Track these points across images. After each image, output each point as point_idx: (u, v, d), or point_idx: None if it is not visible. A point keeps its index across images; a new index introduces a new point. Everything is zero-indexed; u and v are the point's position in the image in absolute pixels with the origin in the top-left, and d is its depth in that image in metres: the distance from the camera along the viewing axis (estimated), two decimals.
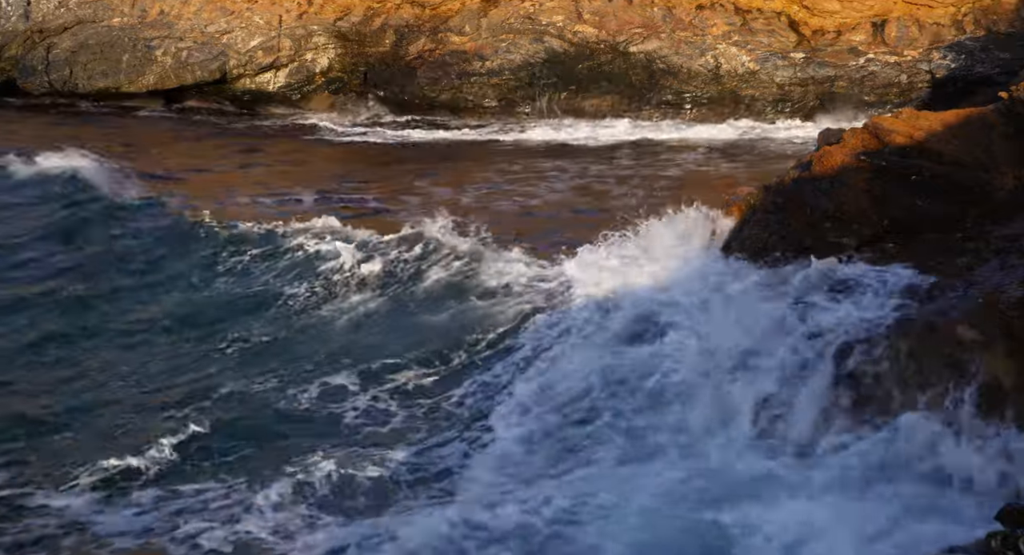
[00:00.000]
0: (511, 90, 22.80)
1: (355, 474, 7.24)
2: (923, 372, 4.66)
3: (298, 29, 23.83)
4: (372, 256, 10.56)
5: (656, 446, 6.79)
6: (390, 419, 8.08)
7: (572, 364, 7.97)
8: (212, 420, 8.05)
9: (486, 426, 7.77)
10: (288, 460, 7.52)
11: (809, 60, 22.11)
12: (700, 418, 6.60)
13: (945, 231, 5.17)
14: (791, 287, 6.28)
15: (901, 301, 5.21)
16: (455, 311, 9.43)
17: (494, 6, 23.35)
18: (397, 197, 14.58)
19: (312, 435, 7.94)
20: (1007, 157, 5.27)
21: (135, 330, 9.65)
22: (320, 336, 9.39)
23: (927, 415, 4.77)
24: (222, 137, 21.33)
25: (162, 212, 12.06)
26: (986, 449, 4.54)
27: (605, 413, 7.30)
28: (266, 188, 14.94)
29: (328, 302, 9.88)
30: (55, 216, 12.02)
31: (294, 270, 10.45)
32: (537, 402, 7.80)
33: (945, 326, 4.30)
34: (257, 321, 9.66)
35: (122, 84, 23.82)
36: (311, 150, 19.88)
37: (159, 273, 10.71)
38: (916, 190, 5.33)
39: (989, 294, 4.30)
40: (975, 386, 4.28)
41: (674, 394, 7.01)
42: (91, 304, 10.07)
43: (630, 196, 12.06)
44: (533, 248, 10.59)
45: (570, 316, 8.54)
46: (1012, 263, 4.58)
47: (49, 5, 25.22)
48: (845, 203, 5.49)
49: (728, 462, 6.15)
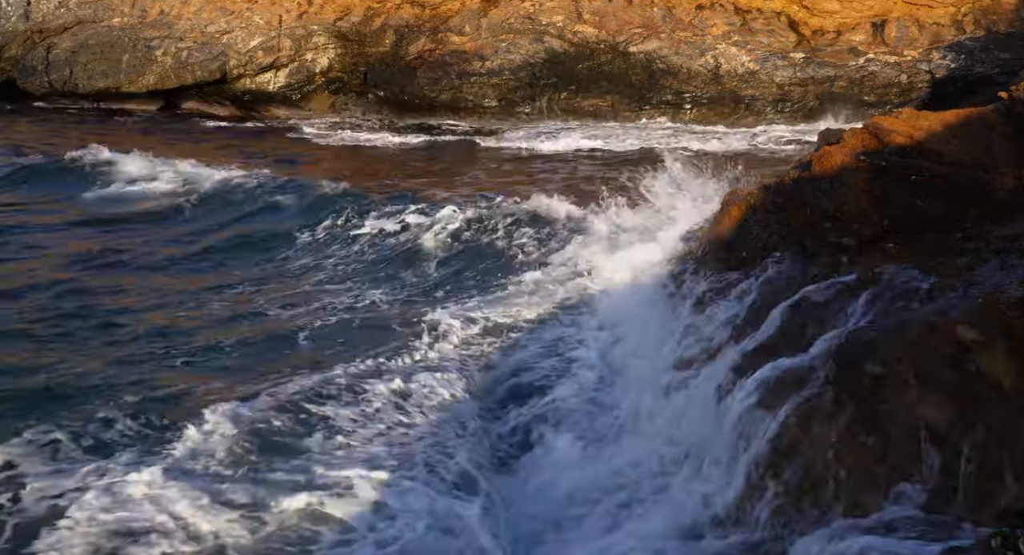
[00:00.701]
0: (511, 90, 22.82)
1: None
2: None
3: (298, 29, 23.84)
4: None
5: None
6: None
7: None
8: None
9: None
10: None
11: (809, 60, 22.12)
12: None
13: (945, 231, 5.16)
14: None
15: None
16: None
17: (494, 6, 23.36)
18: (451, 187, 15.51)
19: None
20: (1007, 157, 5.27)
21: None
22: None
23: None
24: (227, 138, 21.35)
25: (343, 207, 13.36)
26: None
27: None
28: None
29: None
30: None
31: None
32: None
33: (945, 326, 4.30)
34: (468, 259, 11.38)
35: (122, 84, 23.84)
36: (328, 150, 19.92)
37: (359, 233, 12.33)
38: (916, 190, 5.33)
39: (989, 294, 4.29)
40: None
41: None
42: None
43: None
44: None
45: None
46: (1012, 263, 4.57)
47: (49, 5, 25.24)
48: (845, 203, 5.49)
49: None
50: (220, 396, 7.19)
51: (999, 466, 3.98)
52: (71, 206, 14.10)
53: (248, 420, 6.68)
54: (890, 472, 4.25)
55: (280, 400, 7.02)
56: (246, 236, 12.67)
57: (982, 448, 4.05)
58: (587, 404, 7.29)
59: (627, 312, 8.64)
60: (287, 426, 6.70)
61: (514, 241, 11.77)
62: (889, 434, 4.30)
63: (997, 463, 3.99)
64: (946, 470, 4.12)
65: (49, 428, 6.62)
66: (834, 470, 4.44)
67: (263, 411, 6.85)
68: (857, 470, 4.36)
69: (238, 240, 12.48)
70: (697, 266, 7.35)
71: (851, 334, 4.76)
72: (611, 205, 11.67)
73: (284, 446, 6.45)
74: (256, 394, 7.16)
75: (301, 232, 12.58)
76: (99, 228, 12.83)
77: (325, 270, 11.28)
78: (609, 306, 9.07)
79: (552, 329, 8.83)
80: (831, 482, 4.44)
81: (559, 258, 10.89)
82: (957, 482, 4.07)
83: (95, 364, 8.03)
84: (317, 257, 11.82)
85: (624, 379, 7.43)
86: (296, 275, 11.10)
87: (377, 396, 7.16)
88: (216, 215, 13.69)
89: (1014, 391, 4.04)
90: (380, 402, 7.09)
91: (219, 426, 6.56)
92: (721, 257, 6.89)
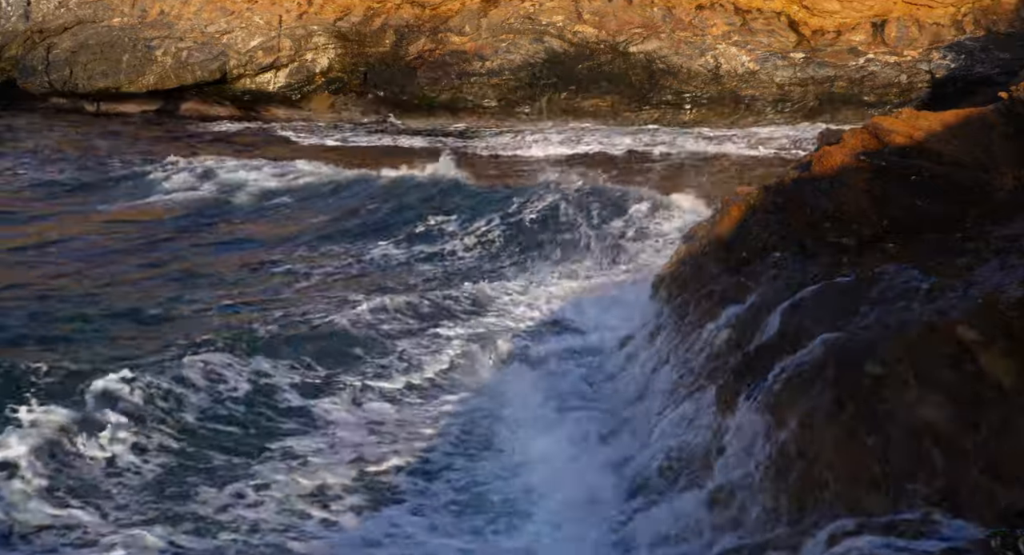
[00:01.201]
0: (511, 90, 22.82)
1: None
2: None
3: (298, 29, 23.83)
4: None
5: None
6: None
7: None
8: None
9: None
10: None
11: (809, 60, 22.11)
12: None
13: (945, 231, 5.16)
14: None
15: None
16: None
17: (494, 6, 23.35)
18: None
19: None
20: (1007, 157, 5.27)
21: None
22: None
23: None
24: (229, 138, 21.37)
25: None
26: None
27: None
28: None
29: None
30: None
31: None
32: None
33: (945, 326, 4.29)
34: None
35: (122, 84, 23.83)
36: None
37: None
38: (916, 190, 5.33)
39: (989, 294, 4.29)
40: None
41: None
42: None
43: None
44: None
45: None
46: (1012, 263, 4.57)
47: (49, 5, 25.24)
48: (845, 203, 5.49)
49: None
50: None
51: (999, 466, 3.98)
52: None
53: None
54: (890, 472, 4.25)
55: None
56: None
57: (982, 448, 4.05)
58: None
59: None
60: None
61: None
62: (889, 434, 4.30)
63: (997, 463, 3.99)
64: (946, 470, 4.12)
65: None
66: (834, 470, 4.44)
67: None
68: (857, 470, 4.36)
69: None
70: (698, 266, 7.34)
71: (851, 334, 4.76)
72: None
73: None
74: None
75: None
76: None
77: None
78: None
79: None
80: (831, 482, 4.43)
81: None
82: (957, 482, 4.06)
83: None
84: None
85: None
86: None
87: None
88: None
89: (1014, 391, 4.03)
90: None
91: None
92: (721, 257, 6.89)
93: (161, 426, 6.94)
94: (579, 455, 6.65)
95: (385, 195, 14.88)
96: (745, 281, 6.27)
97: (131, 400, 7.10)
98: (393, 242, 12.59)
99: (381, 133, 22.25)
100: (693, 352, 6.48)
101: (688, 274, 7.46)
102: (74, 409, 6.91)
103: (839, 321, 4.95)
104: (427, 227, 12.98)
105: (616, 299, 9.69)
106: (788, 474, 4.64)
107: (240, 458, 6.68)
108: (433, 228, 12.96)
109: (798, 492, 4.56)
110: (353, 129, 22.72)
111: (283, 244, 12.63)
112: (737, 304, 6.19)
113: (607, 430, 6.92)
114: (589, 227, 12.24)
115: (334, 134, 22.11)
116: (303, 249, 12.38)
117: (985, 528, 3.83)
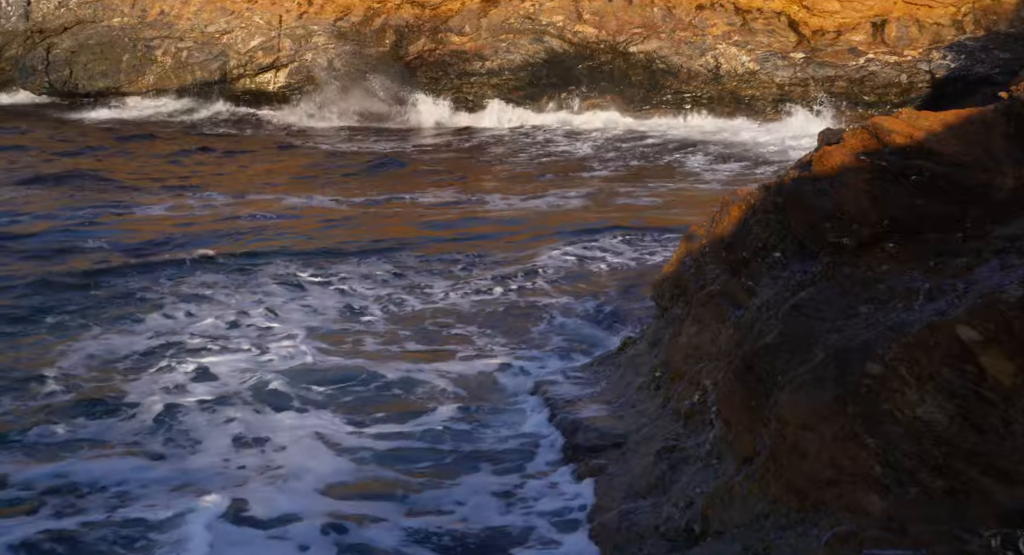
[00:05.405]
0: (511, 90, 22.83)
1: None
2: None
3: (298, 29, 23.84)
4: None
5: None
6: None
7: None
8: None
9: None
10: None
11: (809, 60, 22.12)
12: None
13: (945, 231, 5.15)
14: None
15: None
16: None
17: (494, 6, 23.36)
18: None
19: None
20: (1007, 157, 5.26)
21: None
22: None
23: None
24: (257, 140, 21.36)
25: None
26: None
27: None
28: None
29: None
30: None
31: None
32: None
33: (945, 326, 4.29)
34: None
35: (122, 84, 23.85)
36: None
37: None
38: (916, 190, 5.32)
39: (989, 294, 4.29)
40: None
41: None
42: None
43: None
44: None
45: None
46: (1012, 263, 4.56)
47: (49, 5, 25.24)
48: (845, 203, 5.48)
49: None
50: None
51: (999, 466, 3.98)
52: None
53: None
54: (890, 472, 4.25)
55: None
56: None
57: (982, 448, 4.05)
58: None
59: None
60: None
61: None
62: (889, 434, 4.30)
63: (997, 463, 3.99)
64: (946, 470, 4.12)
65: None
66: (834, 471, 4.43)
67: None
68: (857, 471, 4.36)
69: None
70: (697, 266, 7.34)
71: (851, 334, 4.75)
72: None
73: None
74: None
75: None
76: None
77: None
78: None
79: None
80: (831, 483, 4.43)
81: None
82: (957, 482, 4.06)
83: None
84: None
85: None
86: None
87: None
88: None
89: (1014, 391, 4.03)
90: None
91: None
92: (720, 257, 6.88)
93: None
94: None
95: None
96: (745, 281, 6.27)
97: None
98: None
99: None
100: (693, 352, 6.48)
101: (688, 274, 7.46)
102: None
103: (839, 321, 4.95)
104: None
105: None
106: (788, 474, 4.64)
107: None
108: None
109: (798, 492, 4.56)
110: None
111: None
112: (737, 304, 6.20)
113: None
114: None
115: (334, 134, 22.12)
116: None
117: (985, 528, 3.83)
